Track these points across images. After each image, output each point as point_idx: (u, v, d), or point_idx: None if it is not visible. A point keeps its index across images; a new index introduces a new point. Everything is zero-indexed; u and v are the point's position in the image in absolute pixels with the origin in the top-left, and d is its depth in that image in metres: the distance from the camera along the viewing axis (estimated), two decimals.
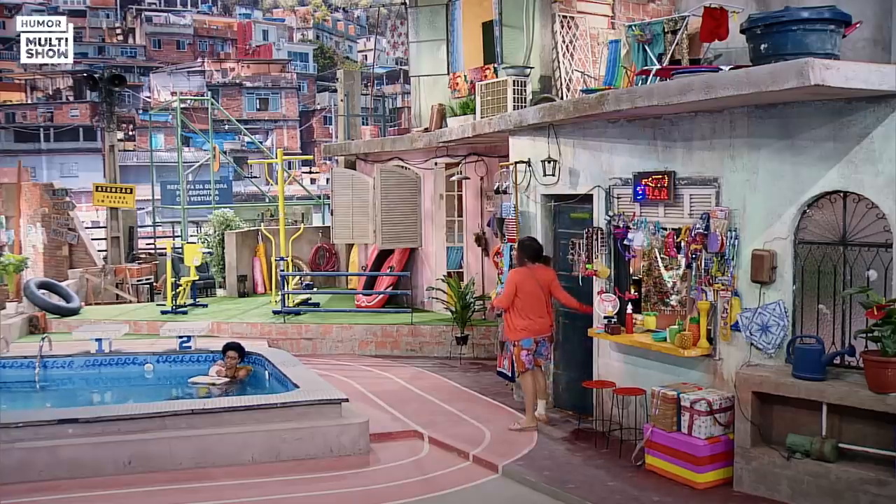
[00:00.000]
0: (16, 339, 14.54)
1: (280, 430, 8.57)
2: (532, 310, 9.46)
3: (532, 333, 9.45)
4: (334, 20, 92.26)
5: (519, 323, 9.48)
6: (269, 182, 24.05)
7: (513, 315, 9.52)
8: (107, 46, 78.17)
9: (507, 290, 9.50)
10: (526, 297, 9.42)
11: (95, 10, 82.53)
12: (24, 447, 8.10)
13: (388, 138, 16.73)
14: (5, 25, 79.27)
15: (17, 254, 20.33)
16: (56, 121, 64.96)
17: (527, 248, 9.65)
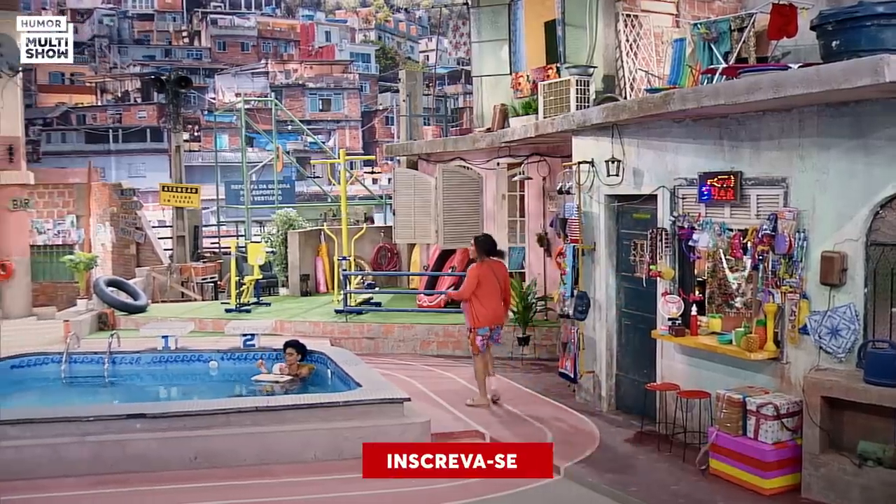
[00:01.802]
0: (86, 335, 14.85)
1: (342, 429, 8.63)
2: (491, 300, 10.57)
3: (490, 322, 10.57)
4: (396, 21, 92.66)
5: (481, 312, 10.53)
6: (331, 182, 24.23)
7: (475, 305, 10.53)
8: (173, 49, 79.56)
9: (469, 283, 10.55)
10: (487, 289, 10.52)
11: (163, 13, 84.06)
12: (94, 440, 8.27)
13: (450, 138, 16.77)
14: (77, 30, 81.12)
15: (87, 252, 20.79)
16: (124, 122, 66.35)
17: (483, 244, 10.79)
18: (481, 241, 10.92)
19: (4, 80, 19.54)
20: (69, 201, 22.22)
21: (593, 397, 10.62)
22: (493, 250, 10.83)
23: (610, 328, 10.40)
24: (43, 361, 12.09)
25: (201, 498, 7.60)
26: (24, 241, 20.59)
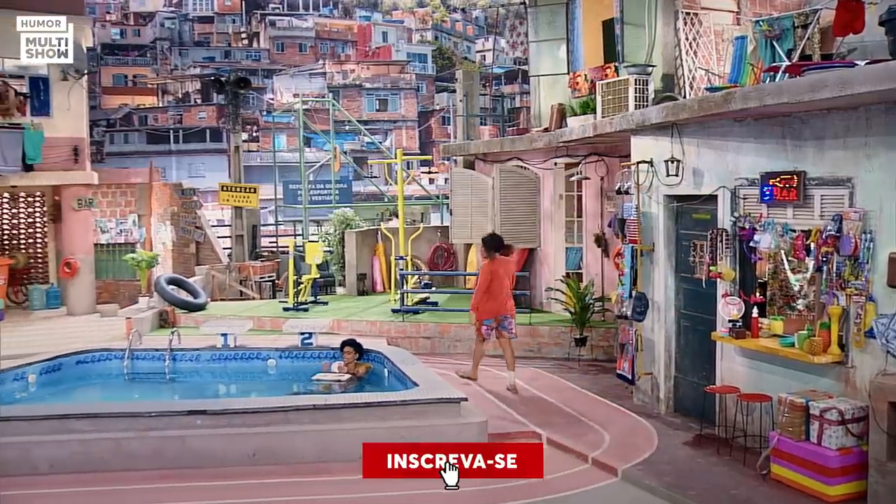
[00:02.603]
0: (147, 332, 15.10)
1: (399, 428, 8.65)
2: (500, 293, 11.43)
3: (495, 314, 11.43)
4: (453, 21, 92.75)
5: (489, 305, 11.39)
6: (388, 182, 24.34)
7: (485, 298, 11.35)
8: (232, 50, 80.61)
9: (483, 282, 11.39)
10: (496, 284, 11.37)
11: (222, 15, 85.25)
12: (156, 436, 8.42)
13: (507, 138, 16.72)
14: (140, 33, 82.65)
15: (148, 251, 21.15)
16: (185, 123, 67.41)
17: (491, 242, 11.64)
18: (489, 240, 11.75)
19: (70, 82, 20.01)
20: (131, 201, 22.65)
21: (651, 399, 10.52)
22: (500, 247, 11.67)
23: (668, 329, 10.30)
24: (106, 357, 12.33)
25: (260, 494, 7.68)
26: (89, 239, 21.01)
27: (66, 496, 7.68)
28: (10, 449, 8.19)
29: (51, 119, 19.90)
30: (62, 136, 19.98)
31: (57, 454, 8.23)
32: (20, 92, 19.76)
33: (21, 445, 8.23)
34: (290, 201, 24.11)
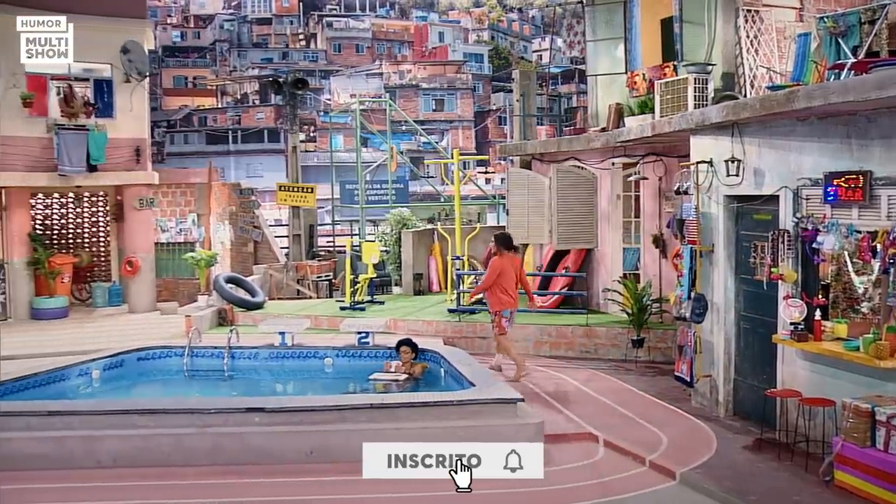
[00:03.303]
0: (206, 330, 15.31)
1: (456, 428, 8.65)
2: (509, 288, 12.27)
3: (510, 306, 12.31)
4: (509, 20, 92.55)
5: (503, 298, 12.21)
6: (444, 182, 24.36)
7: (497, 292, 12.21)
8: (290, 51, 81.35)
9: (490, 276, 12.25)
10: (505, 279, 12.21)
11: (280, 16, 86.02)
12: (214, 432, 8.53)
13: (564, 138, 16.64)
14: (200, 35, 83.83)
15: (207, 250, 21.43)
16: (243, 123, 68.23)
17: (503, 240, 12.53)
18: (501, 238, 12.66)
19: (132, 84, 20.37)
20: (191, 200, 22.97)
21: (710, 402, 10.39)
22: (510, 246, 12.60)
23: (728, 332, 10.16)
24: (167, 354, 12.55)
25: (316, 491, 7.74)
26: (149, 238, 21.36)
27: (129, 489, 7.82)
28: (76, 442, 8.36)
29: (114, 120, 20.29)
30: (124, 137, 20.36)
31: (120, 448, 8.39)
32: (88, 100, 20.22)
33: (86, 439, 8.40)
34: (347, 201, 24.25)
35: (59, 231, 21.62)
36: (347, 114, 48.52)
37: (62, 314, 19.81)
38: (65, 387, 11.00)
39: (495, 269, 12.26)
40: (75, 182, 19.78)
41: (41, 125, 19.30)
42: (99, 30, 19.76)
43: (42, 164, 19.16)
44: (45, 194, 21.34)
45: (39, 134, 19.20)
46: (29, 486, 7.83)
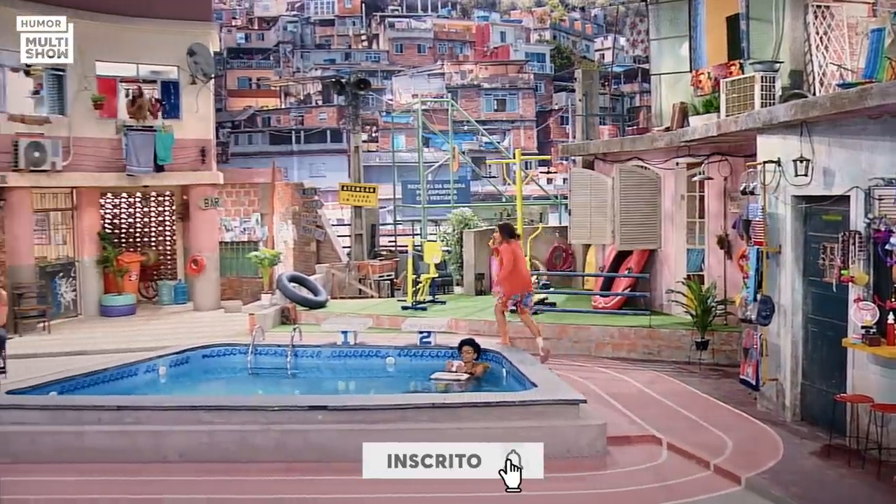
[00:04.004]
0: (270, 328, 15.48)
1: (517, 428, 8.62)
2: (525, 272, 12.86)
3: (521, 290, 12.51)
4: (571, 19, 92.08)
5: (517, 282, 12.47)
6: (506, 182, 24.31)
7: (515, 278, 12.43)
8: (353, 52, 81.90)
9: (510, 261, 12.37)
10: (521, 264, 12.74)
11: (343, 18, 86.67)
12: (279, 429, 8.62)
13: (627, 138, 16.48)
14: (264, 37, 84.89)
15: (270, 249, 21.68)
16: (306, 124, 68.85)
17: (508, 229, 12.93)
18: (506, 227, 13.12)
19: (198, 85, 20.71)
20: (254, 200, 23.28)
21: (776, 406, 10.20)
22: (513, 234, 12.99)
23: (795, 334, 9.97)
24: (231, 352, 12.71)
25: (379, 490, 7.76)
26: (214, 237, 21.70)
27: (195, 484, 7.93)
28: (144, 437, 8.53)
29: (180, 122, 20.67)
30: (190, 137, 20.73)
31: (186, 444, 8.52)
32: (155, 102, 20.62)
33: (154, 434, 8.55)
34: (409, 201, 24.33)
35: (128, 230, 22.07)
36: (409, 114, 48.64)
37: (130, 311, 20.23)
38: (133, 382, 11.23)
39: (512, 253, 12.47)
40: (143, 182, 20.18)
41: (111, 126, 19.73)
42: (166, 33, 20.20)
43: (111, 165, 19.59)
44: (113, 194, 21.80)
45: (109, 135, 19.64)
46: (100, 478, 8.00)
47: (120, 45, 19.82)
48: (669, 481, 8.06)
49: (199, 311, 20.81)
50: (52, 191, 19.44)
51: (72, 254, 20.08)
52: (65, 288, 19.67)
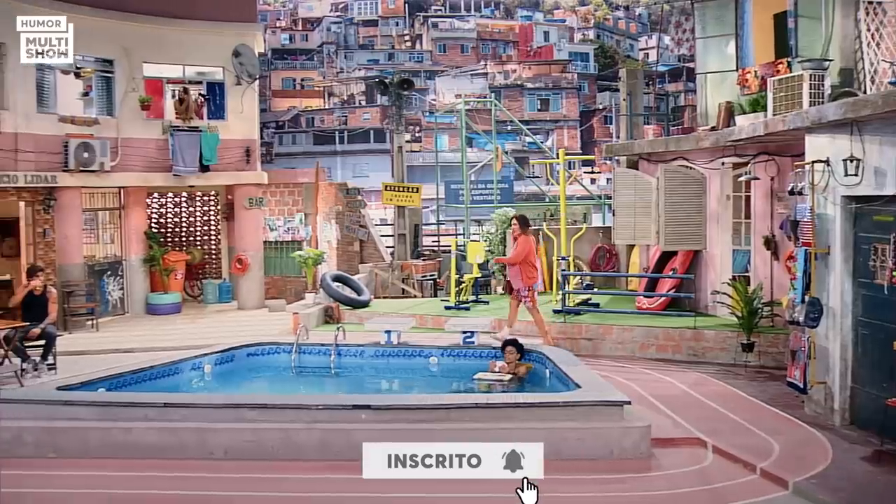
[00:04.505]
0: (313, 327, 15.56)
1: (561, 429, 8.58)
2: (535, 264, 13.55)
3: (535, 281, 13.42)
4: (615, 18, 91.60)
5: (532, 272, 13.36)
6: (549, 182, 24.25)
7: (526, 268, 13.24)
8: (396, 52, 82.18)
9: (521, 250, 13.24)
10: (532, 256, 13.39)
11: (386, 18, 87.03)
12: (322, 428, 8.65)
13: (672, 137, 16.34)
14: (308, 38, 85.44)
15: (314, 248, 21.81)
16: (350, 124, 69.22)
17: (524, 220, 13.75)
18: (522, 218, 13.87)
19: (243, 86, 20.89)
20: (298, 200, 23.40)
21: (825, 410, 10.04)
22: (528, 225, 13.85)
23: (845, 337, 9.81)
24: (275, 351, 12.80)
25: (422, 489, 7.75)
26: (258, 237, 21.87)
27: (239, 481, 8.00)
28: (190, 434, 8.61)
29: (225, 122, 20.86)
30: (235, 138, 20.92)
31: (231, 441, 8.59)
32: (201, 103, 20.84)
33: (199, 431, 8.64)
34: (452, 201, 24.36)
35: (173, 229, 22.32)
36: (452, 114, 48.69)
37: (175, 310, 20.46)
38: (178, 380, 11.36)
39: (527, 243, 13.29)
40: (188, 182, 20.39)
41: (157, 127, 19.97)
42: (212, 34, 20.41)
43: (158, 165, 19.82)
44: (160, 193, 22.07)
45: (156, 136, 19.88)
46: (147, 473, 8.09)
47: (166, 46, 20.07)
48: (715, 485, 7.97)
49: (243, 309, 20.99)
50: (100, 191, 19.72)
51: (119, 253, 20.35)
52: (112, 286, 19.95)
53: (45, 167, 17.82)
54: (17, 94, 17.49)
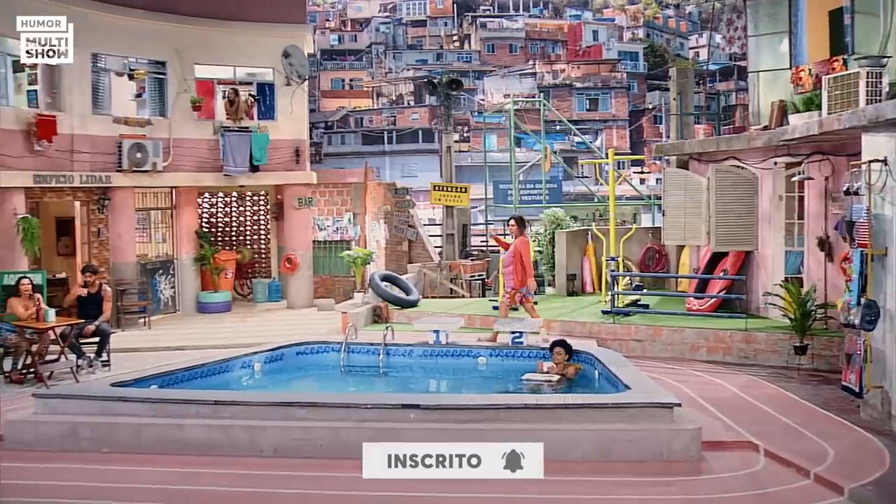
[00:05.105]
0: (362, 327, 15.62)
1: (611, 431, 8.52)
2: (529, 265, 13.60)
3: (528, 282, 13.57)
4: (665, 17, 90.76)
5: (524, 275, 13.45)
6: (598, 182, 24.08)
7: (520, 269, 13.40)
8: (444, 53, 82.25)
9: (527, 254, 13.43)
10: (527, 257, 13.47)
11: (434, 18, 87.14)
12: (371, 427, 8.67)
13: (723, 137, 16.15)
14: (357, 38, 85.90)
15: (363, 248, 21.91)
16: (398, 124, 69.43)
17: (522, 221, 13.88)
18: (520, 219, 13.93)
19: (293, 87, 21.05)
20: (347, 200, 23.55)
21: (881, 415, 9.85)
22: (525, 226, 14.05)
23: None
24: (324, 350, 12.87)
25: (470, 489, 7.74)
26: (307, 236, 22.02)
27: (289, 479, 8.05)
28: (240, 431, 8.69)
29: (275, 122, 21.04)
30: (285, 138, 21.10)
31: (280, 439, 8.65)
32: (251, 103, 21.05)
33: (249, 429, 8.71)
34: (501, 201, 24.30)
35: (224, 229, 22.58)
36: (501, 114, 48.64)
37: (225, 308, 20.69)
38: (229, 378, 11.47)
39: (527, 245, 13.58)
40: (239, 182, 20.59)
41: (208, 127, 20.21)
42: (262, 36, 20.61)
43: (209, 165, 20.06)
44: (210, 193, 22.32)
45: (207, 136, 20.12)
46: (199, 469, 8.18)
47: (217, 48, 20.31)
48: (767, 489, 7.85)
49: (292, 308, 21.15)
50: (152, 190, 20.00)
51: (171, 252, 20.62)
52: (164, 285, 20.22)
53: (100, 167, 18.13)
54: (73, 95, 17.83)
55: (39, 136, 16.63)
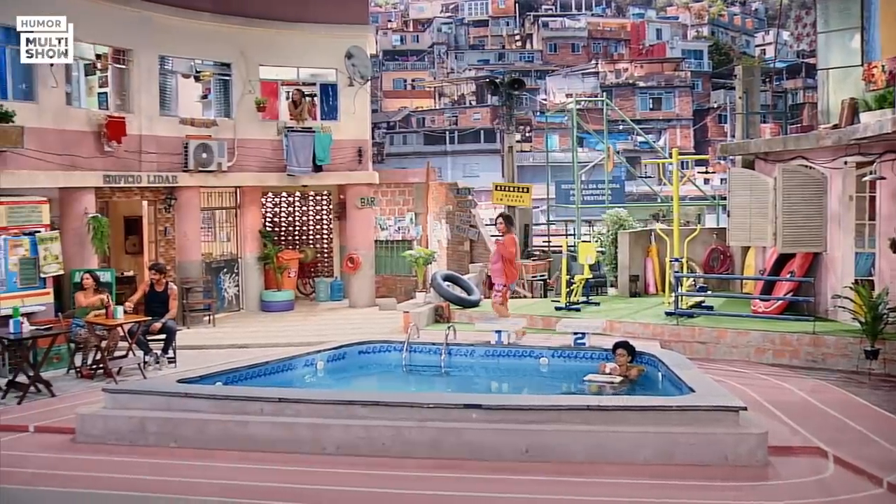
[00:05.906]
0: (424, 326, 15.64)
1: (674, 434, 8.39)
2: (515, 262, 14.60)
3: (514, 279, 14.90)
4: (730, 14, 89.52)
5: (512, 272, 14.49)
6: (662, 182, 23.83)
7: (508, 266, 14.30)
8: (506, 52, 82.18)
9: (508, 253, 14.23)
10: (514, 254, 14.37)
11: (496, 18, 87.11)
12: (433, 426, 8.66)
13: (790, 136, 15.86)
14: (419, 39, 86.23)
15: (424, 248, 21.96)
16: (460, 124, 69.58)
17: (509, 219, 14.86)
18: (507, 217, 14.97)
19: (355, 87, 21.19)
20: (409, 199, 23.63)
21: None
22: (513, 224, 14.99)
23: None
24: (386, 349, 12.90)
25: (531, 490, 7.69)
26: (369, 236, 22.16)
27: (352, 476, 8.07)
28: (303, 429, 8.75)
29: (338, 123, 21.22)
30: (347, 138, 21.26)
31: (343, 437, 8.69)
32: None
33: (313, 427, 8.77)
34: (563, 201, 24.17)
35: (287, 228, 22.83)
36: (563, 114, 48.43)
37: (288, 307, 20.92)
38: (292, 376, 11.56)
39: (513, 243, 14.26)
40: (302, 182, 20.81)
41: (272, 128, 20.45)
42: (325, 37, 20.81)
43: (273, 165, 20.30)
44: (274, 193, 22.59)
45: (271, 136, 20.37)
46: (262, 466, 8.25)
47: (281, 49, 20.53)
48: (836, 497, 7.65)
49: (354, 308, 21.29)
50: (217, 190, 20.30)
51: (235, 251, 20.92)
52: (228, 283, 20.51)
53: (167, 167, 18.45)
54: (141, 97, 18.18)
55: (109, 137, 16.99)
